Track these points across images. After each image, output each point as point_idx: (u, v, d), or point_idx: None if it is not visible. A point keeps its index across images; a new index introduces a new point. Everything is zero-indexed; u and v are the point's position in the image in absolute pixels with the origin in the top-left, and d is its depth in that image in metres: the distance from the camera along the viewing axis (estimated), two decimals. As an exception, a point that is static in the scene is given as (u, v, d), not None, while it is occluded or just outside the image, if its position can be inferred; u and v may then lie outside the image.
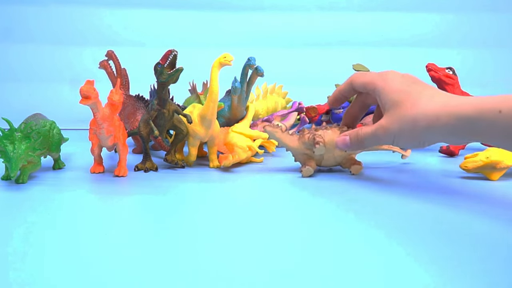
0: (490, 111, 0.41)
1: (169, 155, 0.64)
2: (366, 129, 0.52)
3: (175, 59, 0.59)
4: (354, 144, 0.54)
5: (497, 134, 0.41)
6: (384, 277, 0.32)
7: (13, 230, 0.40)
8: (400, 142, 0.49)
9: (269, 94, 0.86)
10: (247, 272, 0.33)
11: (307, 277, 0.32)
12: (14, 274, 0.32)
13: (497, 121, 0.40)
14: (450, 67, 0.79)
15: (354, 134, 0.54)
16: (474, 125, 0.42)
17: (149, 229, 0.41)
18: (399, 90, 0.48)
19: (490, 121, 0.41)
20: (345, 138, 0.54)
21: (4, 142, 0.52)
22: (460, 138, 0.45)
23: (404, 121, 0.47)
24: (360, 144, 0.53)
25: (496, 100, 0.41)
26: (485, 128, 0.41)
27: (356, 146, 0.54)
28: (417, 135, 0.47)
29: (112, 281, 0.31)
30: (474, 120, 0.42)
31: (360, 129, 0.53)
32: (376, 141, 0.51)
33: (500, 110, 0.40)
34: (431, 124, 0.45)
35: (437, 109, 0.45)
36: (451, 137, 0.45)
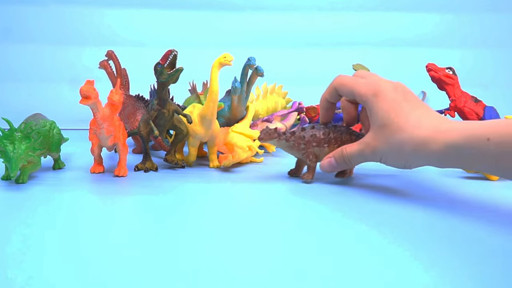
0: (478, 139, 0.40)
1: (169, 155, 0.64)
2: (350, 148, 0.51)
3: (175, 59, 0.59)
4: (341, 164, 0.53)
5: (485, 162, 0.41)
6: (385, 279, 0.32)
7: (13, 230, 0.40)
8: (387, 162, 0.49)
9: (269, 94, 0.86)
10: (246, 272, 0.33)
11: (307, 276, 0.32)
12: (14, 274, 0.32)
13: (485, 149, 0.40)
14: (450, 67, 0.79)
15: (339, 154, 0.53)
16: (462, 153, 0.42)
17: (149, 229, 0.41)
18: (389, 109, 0.47)
19: (478, 149, 0.40)
20: (330, 161, 0.53)
21: (4, 142, 0.52)
22: (447, 164, 0.44)
23: (391, 143, 0.47)
24: (346, 163, 0.53)
25: (485, 127, 0.41)
26: (473, 156, 0.41)
27: (342, 166, 0.53)
28: (403, 158, 0.47)
29: (112, 281, 0.31)
30: (462, 148, 0.41)
31: (344, 149, 0.52)
32: (362, 159, 0.51)
33: (488, 138, 0.39)
34: (418, 149, 0.45)
35: (425, 134, 0.44)
36: (437, 163, 0.45)
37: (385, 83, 0.49)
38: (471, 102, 0.78)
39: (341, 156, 0.52)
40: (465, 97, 0.78)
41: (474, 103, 0.78)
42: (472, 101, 0.78)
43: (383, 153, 0.48)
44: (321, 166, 0.54)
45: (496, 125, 0.40)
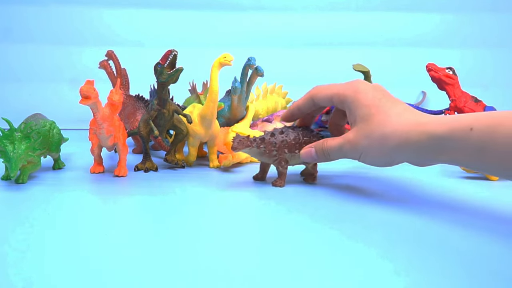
0: (462, 129, 0.40)
1: (169, 155, 0.64)
2: (331, 142, 0.50)
3: (175, 59, 0.59)
4: (320, 157, 0.52)
5: (468, 152, 0.40)
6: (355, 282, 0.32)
7: (13, 230, 0.40)
8: (367, 159, 0.47)
9: (269, 94, 0.86)
10: (246, 273, 0.33)
11: (306, 277, 0.32)
12: (14, 274, 0.32)
13: (469, 139, 0.39)
14: (450, 67, 0.79)
15: (320, 147, 0.51)
16: (445, 143, 0.41)
17: (149, 229, 0.41)
18: (370, 105, 0.46)
19: (462, 139, 0.40)
20: (311, 151, 0.52)
21: (4, 142, 0.52)
22: (431, 156, 0.43)
23: (373, 138, 0.45)
24: (326, 157, 0.51)
25: (467, 118, 0.40)
26: (456, 146, 0.40)
27: (322, 159, 0.52)
28: (386, 153, 0.45)
29: (112, 281, 0.31)
30: (446, 138, 0.41)
31: (325, 141, 0.51)
32: (342, 155, 0.50)
33: (472, 128, 0.39)
34: (402, 142, 0.44)
35: (408, 127, 0.44)
36: (421, 156, 0.44)
37: (364, 84, 0.49)
38: (471, 102, 0.78)
39: (322, 148, 0.51)
40: (465, 97, 0.78)
41: (474, 103, 0.78)
42: (472, 101, 0.78)
43: (363, 149, 0.46)
44: (301, 154, 0.53)
45: (480, 116, 0.40)
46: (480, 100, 0.79)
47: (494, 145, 0.38)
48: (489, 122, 0.39)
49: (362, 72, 0.89)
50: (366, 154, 0.47)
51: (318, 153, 0.51)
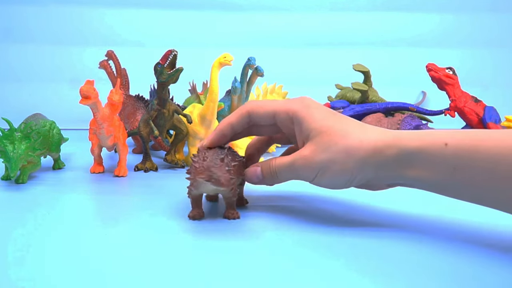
0: (435, 143, 0.37)
1: (169, 155, 0.64)
2: (281, 160, 0.43)
3: (175, 59, 0.59)
4: (267, 177, 0.44)
5: (440, 168, 0.37)
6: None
7: (13, 230, 0.40)
8: (325, 177, 0.40)
9: (269, 94, 0.86)
10: (246, 273, 0.33)
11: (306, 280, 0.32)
12: (14, 274, 0.32)
13: (443, 154, 0.37)
14: (450, 67, 0.79)
15: (267, 166, 0.43)
16: (417, 157, 0.38)
17: (149, 229, 0.41)
18: (327, 117, 0.41)
19: (435, 154, 0.37)
20: (256, 170, 0.44)
21: (4, 142, 0.52)
22: (396, 173, 0.39)
23: (335, 151, 0.39)
24: (273, 177, 0.43)
25: (442, 134, 0.38)
26: (429, 161, 0.37)
27: (268, 180, 0.44)
28: (349, 168, 0.39)
29: (112, 281, 0.31)
30: (418, 152, 0.37)
31: (273, 160, 0.43)
32: (293, 174, 0.42)
33: (446, 143, 0.37)
34: (368, 155, 0.39)
35: (375, 139, 0.39)
36: (386, 171, 0.39)
37: (312, 100, 0.43)
38: (471, 102, 0.78)
39: (269, 167, 0.43)
40: (465, 97, 0.78)
41: (474, 103, 0.78)
42: (472, 101, 0.78)
43: (322, 165, 0.39)
44: (245, 173, 0.44)
45: (455, 133, 0.37)
46: (480, 100, 0.79)
47: (471, 163, 0.35)
48: (466, 140, 0.36)
49: (362, 72, 0.89)
50: (324, 171, 0.40)
51: (264, 172, 0.43)
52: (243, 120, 0.44)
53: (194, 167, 0.41)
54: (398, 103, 0.84)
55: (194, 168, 0.41)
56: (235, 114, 0.45)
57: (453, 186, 0.38)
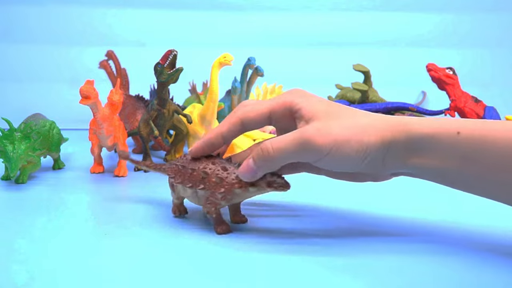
0: (448, 131, 0.36)
1: (169, 155, 0.65)
2: (279, 140, 0.37)
3: (175, 59, 0.59)
4: (261, 166, 0.37)
5: (450, 157, 0.36)
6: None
7: (12, 230, 0.40)
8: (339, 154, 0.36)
9: (269, 94, 0.86)
10: (245, 273, 0.33)
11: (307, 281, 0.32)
12: (14, 274, 0.32)
13: (455, 142, 0.35)
14: (450, 67, 0.79)
15: (259, 152, 0.37)
16: (426, 144, 0.36)
17: (149, 229, 0.41)
18: (328, 104, 0.38)
19: (447, 142, 0.36)
20: (249, 163, 0.37)
21: (4, 142, 0.52)
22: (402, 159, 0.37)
23: (350, 126, 0.36)
24: (270, 162, 0.37)
25: (452, 121, 0.37)
26: (439, 148, 0.36)
27: (265, 167, 0.37)
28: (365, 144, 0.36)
29: (112, 281, 0.31)
30: (429, 139, 0.36)
31: (267, 144, 0.37)
32: (299, 153, 0.36)
33: (459, 132, 0.35)
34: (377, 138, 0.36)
35: (381, 124, 0.37)
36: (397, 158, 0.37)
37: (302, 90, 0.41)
38: (471, 102, 0.78)
39: (263, 153, 0.37)
40: (465, 97, 0.78)
41: (474, 103, 0.78)
42: (472, 101, 0.78)
43: (339, 138, 0.35)
44: (239, 172, 0.38)
45: (466, 121, 0.37)
46: (480, 100, 0.79)
47: (483, 153, 0.35)
48: (480, 130, 0.35)
49: (362, 72, 0.89)
50: (334, 151, 0.36)
51: (257, 161, 0.37)
52: (235, 128, 0.40)
53: (220, 179, 0.38)
54: (398, 103, 0.84)
55: (220, 180, 0.38)
56: (225, 123, 0.40)
57: (462, 177, 0.37)
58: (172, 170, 0.42)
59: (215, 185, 0.38)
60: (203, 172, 0.39)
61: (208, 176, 0.39)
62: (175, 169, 0.41)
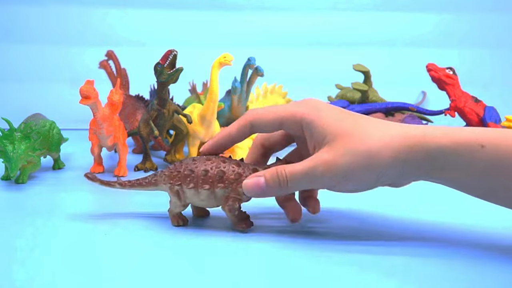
0: (470, 144, 0.35)
1: (169, 155, 0.64)
2: (294, 167, 0.37)
3: (175, 59, 0.59)
4: (273, 188, 0.38)
5: (476, 170, 0.35)
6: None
7: (12, 230, 0.40)
8: (350, 183, 0.37)
9: (269, 94, 0.86)
10: (246, 274, 0.33)
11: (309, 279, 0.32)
12: (14, 274, 0.32)
13: (479, 156, 0.34)
14: (450, 67, 0.79)
15: (273, 174, 0.38)
16: (450, 160, 0.35)
17: (149, 229, 0.41)
18: (342, 120, 0.37)
19: (470, 156, 0.35)
20: (259, 180, 0.38)
21: (4, 142, 0.52)
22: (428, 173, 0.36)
23: (357, 154, 0.36)
24: (282, 187, 0.38)
25: (475, 133, 0.35)
26: (463, 164, 0.35)
27: (275, 190, 0.38)
28: (375, 171, 0.36)
29: (112, 281, 0.31)
30: (451, 154, 0.35)
31: (281, 168, 0.38)
32: (311, 182, 0.37)
33: (483, 145, 0.34)
34: (394, 157, 0.35)
35: (398, 139, 0.36)
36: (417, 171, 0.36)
37: (320, 101, 0.40)
38: (471, 102, 0.78)
39: (277, 176, 0.38)
40: (465, 97, 0.78)
41: (474, 103, 0.78)
42: (472, 101, 0.78)
43: (346, 171, 0.36)
44: (244, 185, 0.39)
45: (485, 131, 0.36)
46: (480, 100, 0.79)
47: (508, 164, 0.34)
48: (504, 142, 0.34)
49: (362, 72, 0.89)
50: (349, 176, 0.36)
51: (269, 182, 0.38)
52: (244, 130, 0.41)
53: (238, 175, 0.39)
54: (398, 103, 0.84)
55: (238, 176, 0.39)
56: (236, 124, 0.41)
57: (483, 188, 0.36)
58: (173, 178, 0.40)
59: (234, 182, 0.39)
60: (220, 171, 0.39)
61: (225, 175, 0.39)
62: (179, 176, 0.40)
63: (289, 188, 0.38)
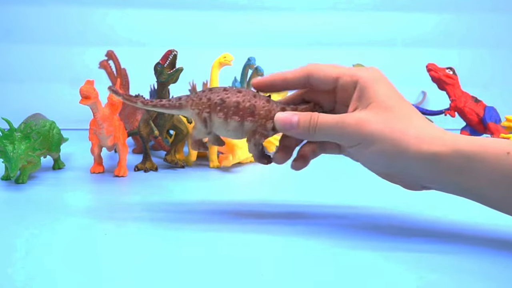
0: (496, 151, 0.35)
1: (169, 155, 0.65)
2: (325, 116, 0.39)
3: (175, 59, 0.59)
4: (302, 130, 0.39)
5: (500, 178, 0.35)
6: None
7: (12, 230, 0.40)
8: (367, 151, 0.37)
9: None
10: (246, 274, 0.33)
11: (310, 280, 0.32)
12: (14, 274, 0.32)
13: (504, 163, 0.34)
14: (450, 67, 0.79)
15: (306, 117, 0.39)
16: (476, 165, 0.35)
17: (149, 229, 0.41)
18: (393, 97, 0.38)
19: (495, 163, 0.35)
20: (292, 118, 0.39)
21: (4, 142, 0.52)
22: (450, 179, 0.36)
23: (393, 127, 0.36)
24: (310, 132, 0.39)
25: (501, 142, 0.36)
26: (488, 169, 0.35)
27: (303, 133, 0.39)
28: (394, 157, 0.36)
29: (111, 280, 0.31)
30: (477, 159, 0.35)
31: (315, 115, 0.39)
32: (335, 134, 0.38)
33: (509, 152, 0.35)
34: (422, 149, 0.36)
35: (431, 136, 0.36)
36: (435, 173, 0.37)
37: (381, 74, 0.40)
38: (471, 102, 0.78)
39: (309, 120, 0.39)
40: (465, 97, 0.78)
41: (474, 103, 0.78)
42: (472, 101, 0.78)
43: (373, 136, 0.36)
44: (277, 118, 0.40)
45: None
46: (480, 100, 0.79)
47: None
48: None
49: (362, 72, 0.89)
50: (371, 143, 0.37)
51: (301, 123, 0.39)
52: (299, 79, 0.41)
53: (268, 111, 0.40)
54: (398, 103, 0.84)
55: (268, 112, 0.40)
56: (294, 71, 0.42)
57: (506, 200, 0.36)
58: (202, 105, 0.40)
59: (264, 117, 0.40)
60: (252, 105, 0.40)
61: (256, 109, 0.40)
62: (209, 104, 0.40)
63: (316, 135, 0.39)
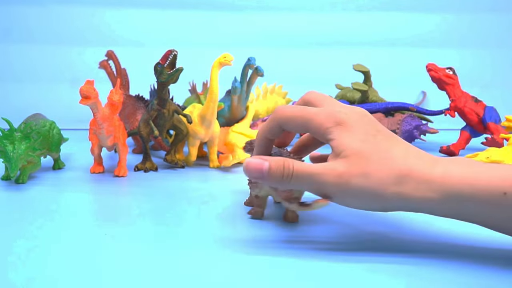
0: (492, 192, 0.32)
1: (169, 155, 0.65)
2: (302, 165, 0.36)
3: (175, 59, 0.59)
4: (275, 177, 0.36)
5: (498, 219, 0.33)
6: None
7: (12, 230, 0.40)
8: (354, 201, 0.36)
9: (269, 94, 0.86)
10: (246, 275, 0.33)
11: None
12: (14, 274, 0.32)
13: (500, 204, 0.32)
14: (450, 67, 0.79)
15: (279, 164, 0.36)
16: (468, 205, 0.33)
17: (149, 229, 0.41)
18: (364, 141, 0.36)
19: (491, 204, 0.32)
20: (263, 164, 0.36)
21: (4, 142, 0.52)
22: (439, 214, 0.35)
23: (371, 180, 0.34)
24: (284, 180, 0.36)
25: (498, 177, 0.33)
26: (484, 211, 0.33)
27: (275, 180, 0.36)
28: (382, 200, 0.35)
29: (111, 281, 0.31)
30: (469, 200, 0.33)
31: (290, 161, 0.36)
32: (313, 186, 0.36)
33: (505, 192, 0.32)
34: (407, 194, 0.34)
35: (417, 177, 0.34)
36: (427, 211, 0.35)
37: (346, 113, 0.37)
38: (471, 102, 0.78)
39: (282, 168, 0.36)
40: (465, 97, 0.78)
41: (474, 103, 0.78)
42: (472, 101, 0.78)
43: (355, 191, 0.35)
44: (245, 164, 0.36)
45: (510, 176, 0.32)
46: (480, 100, 0.79)
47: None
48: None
49: (362, 72, 0.89)
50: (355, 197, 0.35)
51: (273, 170, 0.36)
52: (274, 129, 0.40)
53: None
54: (398, 103, 0.84)
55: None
56: (266, 125, 0.41)
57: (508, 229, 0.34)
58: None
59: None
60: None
61: None
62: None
63: (290, 184, 0.36)
